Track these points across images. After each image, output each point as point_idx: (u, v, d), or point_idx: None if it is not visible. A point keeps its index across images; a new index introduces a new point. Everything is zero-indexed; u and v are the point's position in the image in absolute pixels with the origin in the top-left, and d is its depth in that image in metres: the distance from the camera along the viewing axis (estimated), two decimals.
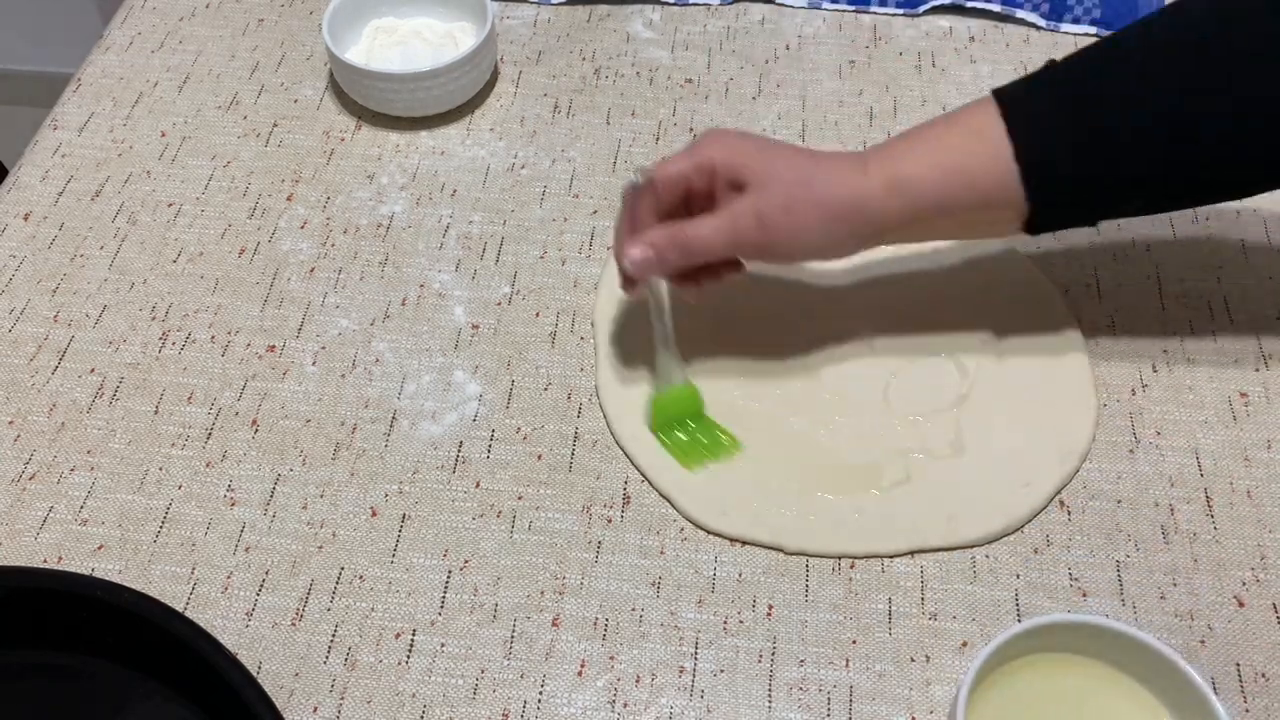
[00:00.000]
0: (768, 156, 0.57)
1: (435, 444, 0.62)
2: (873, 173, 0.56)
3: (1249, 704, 0.53)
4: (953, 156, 0.55)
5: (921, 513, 0.59)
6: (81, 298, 0.69)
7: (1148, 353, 0.65)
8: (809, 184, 0.56)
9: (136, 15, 0.87)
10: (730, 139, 0.58)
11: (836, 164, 0.57)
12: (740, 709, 0.53)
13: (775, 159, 0.57)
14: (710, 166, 0.57)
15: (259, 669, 0.54)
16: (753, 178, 0.56)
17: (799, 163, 0.57)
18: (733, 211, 0.56)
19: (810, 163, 0.57)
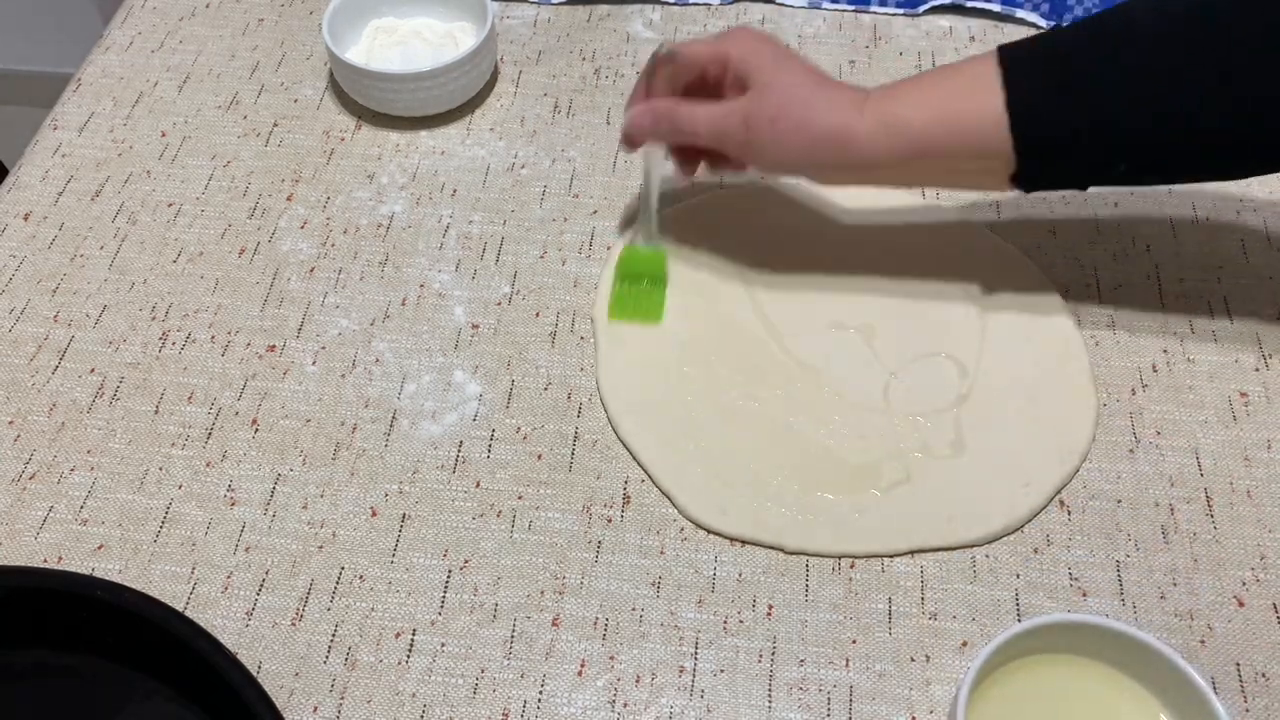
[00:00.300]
0: (778, 66, 0.59)
1: (435, 444, 0.62)
2: (868, 110, 0.57)
3: (1249, 704, 0.53)
4: (946, 101, 0.57)
5: (921, 513, 0.59)
6: (81, 298, 0.69)
7: (1148, 353, 0.65)
8: (802, 104, 0.58)
9: (136, 15, 0.87)
10: (752, 40, 0.60)
11: (837, 94, 0.58)
12: (740, 709, 0.53)
13: (783, 71, 0.59)
14: (724, 59, 0.60)
15: (259, 669, 0.54)
16: (756, 81, 0.58)
17: (803, 82, 0.58)
18: (728, 107, 0.59)
19: (813, 85, 0.58)
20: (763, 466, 0.60)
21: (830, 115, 0.57)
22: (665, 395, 0.63)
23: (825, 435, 0.62)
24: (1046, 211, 0.72)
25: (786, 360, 0.65)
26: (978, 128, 0.56)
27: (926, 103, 0.57)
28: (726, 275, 0.69)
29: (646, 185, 0.67)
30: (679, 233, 0.71)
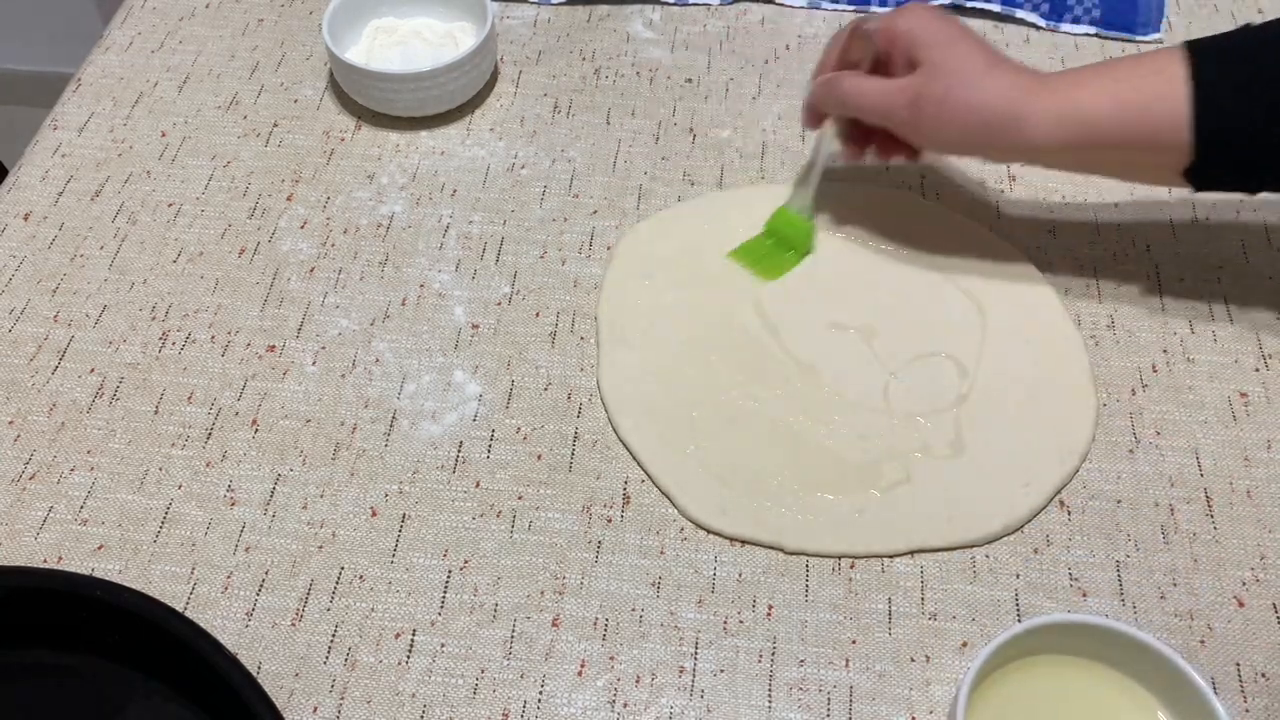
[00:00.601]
0: (949, 44, 0.59)
1: (435, 444, 0.62)
2: (1044, 94, 0.57)
3: (1249, 704, 0.53)
4: (1128, 90, 0.56)
5: (921, 513, 0.59)
6: (81, 298, 0.69)
7: (1148, 353, 0.65)
8: (973, 85, 0.57)
9: (136, 15, 0.87)
10: (924, 17, 0.60)
11: (1009, 75, 0.58)
12: (740, 709, 0.53)
13: (954, 50, 0.58)
14: (893, 35, 0.60)
15: (259, 669, 0.54)
16: (927, 58, 0.58)
17: (974, 61, 0.58)
18: (896, 84, 0.60)
19: (984, 65, 0.58)
20: (763, 466, 0.60)
21: (1001, 99, 0.57)
22: (665, 395, 0.63)
23: (825, 435, 0.62)
24: (1046, 211, 0.72)
25: (786, 360, 0.65)
26: (1159, 119, 0.55)
27: (1107, 91, 0.56)
28: (727, 275, 0.69)
29: (815, 155, 0.68)
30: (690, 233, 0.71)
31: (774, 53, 0.83)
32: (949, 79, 0.58)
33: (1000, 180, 0.74)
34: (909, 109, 0.59)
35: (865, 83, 0.61)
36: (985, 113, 0.57)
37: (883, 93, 0.60)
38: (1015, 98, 0.57)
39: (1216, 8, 0.85)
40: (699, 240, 0.71)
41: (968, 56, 0.58)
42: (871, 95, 0.61)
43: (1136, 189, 0.73)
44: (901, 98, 0.59)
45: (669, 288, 0.68)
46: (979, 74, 0.58)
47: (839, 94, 0.62)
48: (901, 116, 0.59)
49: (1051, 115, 0.57)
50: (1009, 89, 0.57)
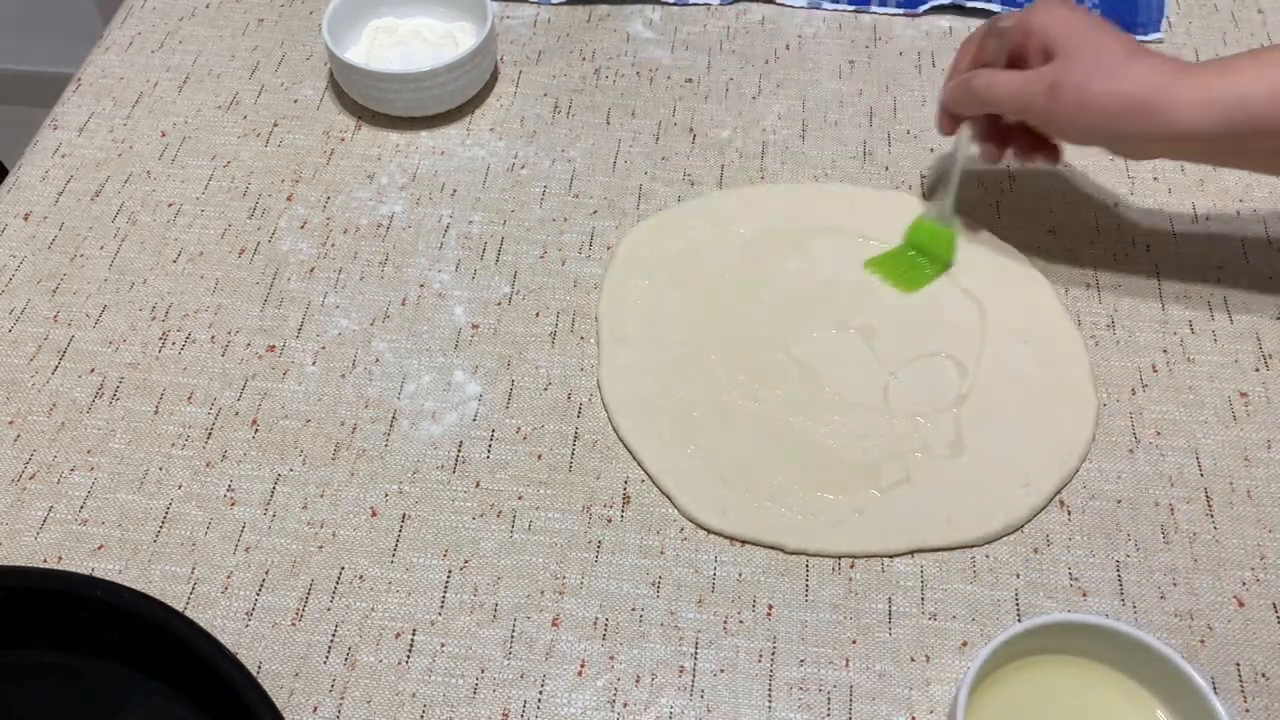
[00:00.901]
0: (1086, 33, 0.58)
1: (435, 444, 0.62)
2: (1191, 79, 0.55)
3: (1249, 704, 0.53)
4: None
5: (921, 513, 0.59)
6: (81, 298, 0.69)
7: (1148, 353, 0.65)
8: (1115, 72, 0.56)
9: (136, 15, 0.87)
10: (1059, 9, 0.59)
11: (1152, 61, 0.57)
12: (740, 709, 0.53)
13: (1092, 37, 0.57)
14: (1028, 29, 0.59)
15: (259, 669, 0.54)
16: (1064, 48, 0.57)
17: (1116, 49, 0.57)
18: (1032, 73, 0.59)
19: (1126, 52, 0.57)
20: (763, 466, 0.60)
21: (1145, 85, 0.56)
22: (665, 395, 0.63)
23: (825, 435, 0.62)
24: (1046, 211, 0.72)
25: (786, 360, 0.65)
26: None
27: (1262, 75, 0.55)
28: (727, 275, 0.69)
29: (952, 161, 0.67)
30: (690, 232, 0.71)
31: (774, 53, 0.83)
32: (1089, 65, 0.57)
33: (1000, 180, 0.74)
34: (1047, 96, 0.58)
35: (1000, 75, 0.60)
36: (1128, 98, 0.56)
37: (1019, 83, 0.59)
38: (1160, 83, 0.56)
39: (1216, 7, 0.85)
40: (699, 240, 0.71)
41: (1108, 43, 0.57)
42: (1007, 87, 0.60)
43: (1136, 189, 0.73)
44: (1038, 85, 0.58)
45: (669, 288, 0.68)
46: (1121, 60, 0.56)
47: (973, 90, 0.61)
48: (1039, 105, 0.58)
49: (1200, 99, 0.55)
50: (1154, 74, 0.56)
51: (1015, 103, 0.60)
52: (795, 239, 0.70)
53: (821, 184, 0.74)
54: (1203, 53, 0.82)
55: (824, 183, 0.74)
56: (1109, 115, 0.57)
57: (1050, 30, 0.59)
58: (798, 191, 0.74)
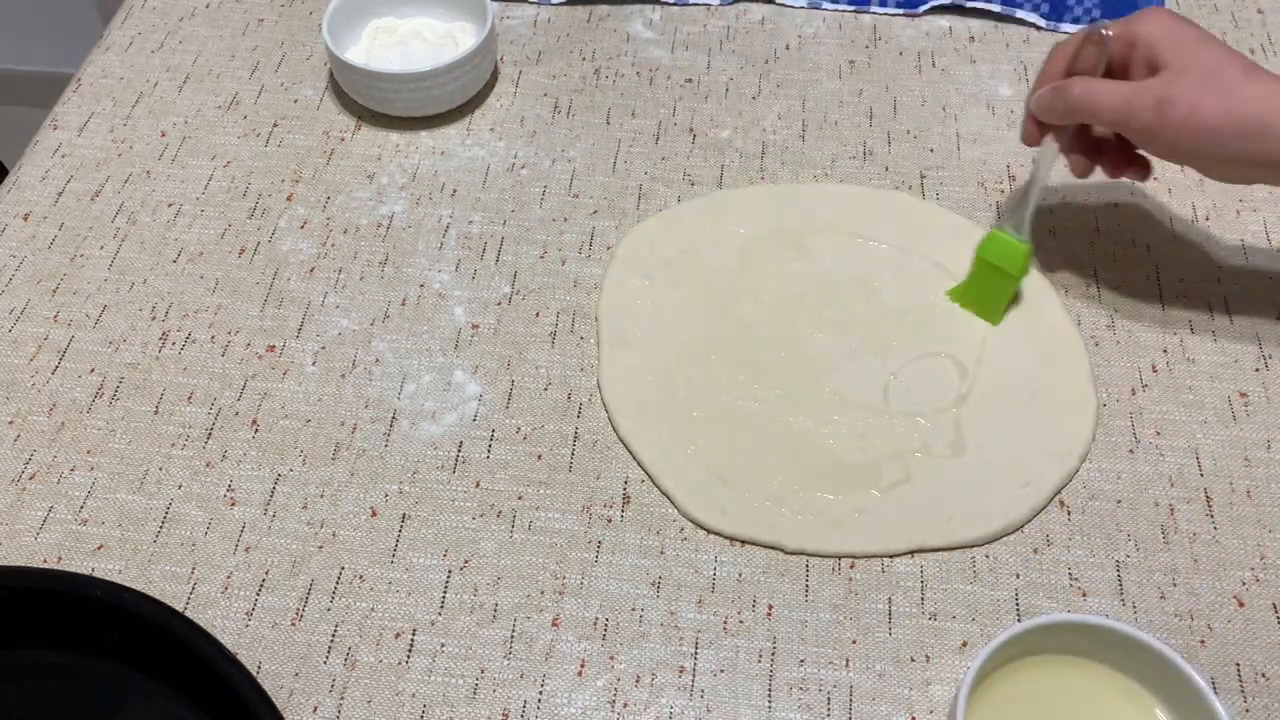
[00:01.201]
0: (1199, 47, 0.55)
1: (435, 444, 0.62)
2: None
3: (1249, 704, 0.53)
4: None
5: (921, 513, 0.59)
6: (81, 298, 0.69)
7: (1148, 353, 0.65)
8: (1228, 89, 0.53)
9: (136, 15, 0.87)
10: (1167, 19, 0.56)
11: (1269, 81, 0.54)
12: (740, 709, 0.53)
13: (1205, 52, 0.55)
14: (1133, 39, 0.56)
15: (259, 669, 0.54)
16: (1174, 61, 0.54)
17: (1228, 65, 0.54)
18: (1138, 85, 0.55)
19: (1241, 69, 0.54)
20: (763, 466, 0.60)
21: (1260, 104, 0.53)
22: (665, 395, 0.63)
23: (825, 435, 0.62)
24: (1046, 212, 0.72)
25: (786, 360, 0.65)
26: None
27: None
28: (727, 275, 0.69)
29: (1034, 174, 0.63)
30: (690, 233, 0.71)
31: (774, 53, 0.83)
32: (1201, 82, 0.53)
33: (1000, 180, 0.74)
34: (1154, 111, 0.54)
35: (1099, 85, 0.57)
36: (1243, 119, 0.53)
37: (1123, 94, 0.55)
38: (1276, 103, 0.53)
39: (1216, 7, 0.85)
40: (699, 240, 0.71)
41: (1222, 59, 0.54)
42: (1109, 97, 0.56)
43: (1136, 188, 0.73)
44: (1146, 99, 0.54)
45: (669, 288, 0.68)
46: (1236, 78, 0.53)
47: (1070, 99, 0.57)
48: (1144, 120, 0.55)
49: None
50: (1269, 95, 0.53)
51: (1117, 115, 0.56)
52: (795, 239, 0.70)
53: (821, 184, 0.74)
54: None
55: (824, 183, 0.74)
56: (1219, 136, 0.54)
57: (1159, 41, 0.55)
58: (798, 191, 0.74)
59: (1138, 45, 0.57)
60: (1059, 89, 0.59)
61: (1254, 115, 0.53)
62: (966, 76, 0.81)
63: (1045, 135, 0.62)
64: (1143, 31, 0.56)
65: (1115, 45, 0.58)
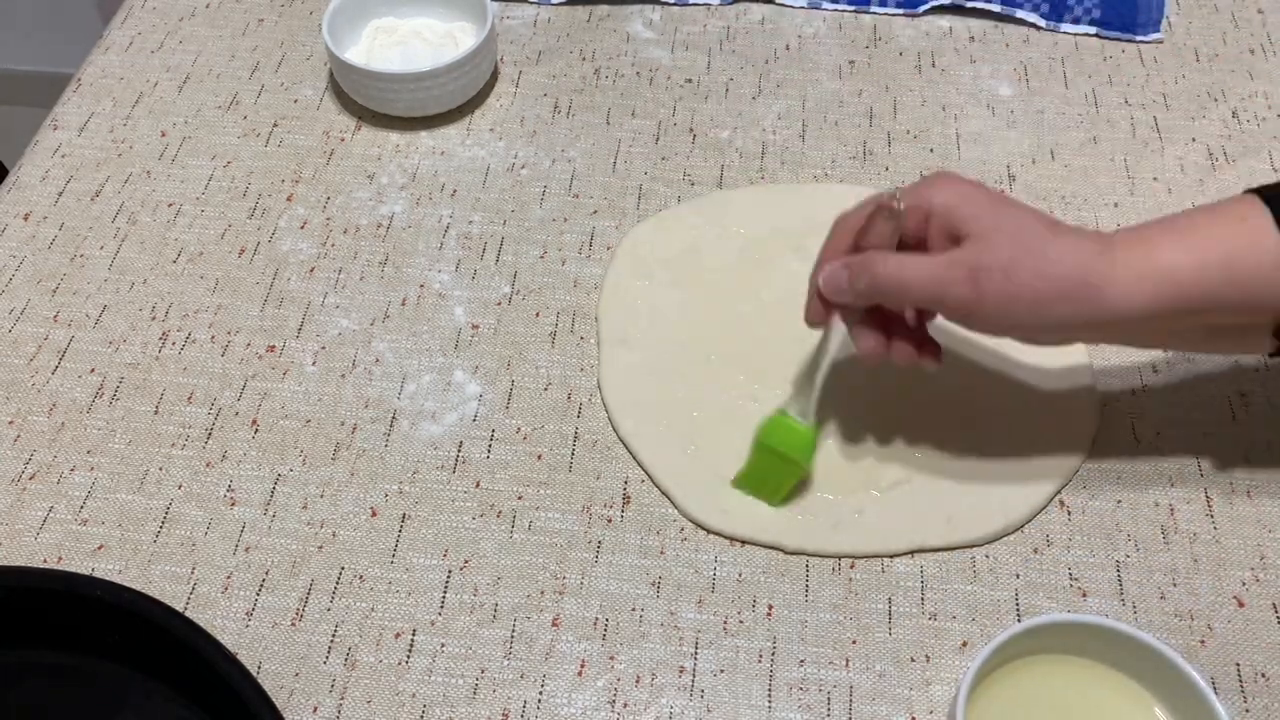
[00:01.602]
0: (999, 210, 0.51)
1: (435, 444, 0.62)
2: (1120, 256, 0.50)
3: (1249, 704, 0.53)
4: (1216, 245, 0.49)
5: (921, 513, 0.59)
6: (81, 298, 0.69)
7: (1148, 353, 0.65)
8: (1039, 253, 0.50)
9: (136, 15, 0.87)
10: (959, 185, 0.52)
11: (1077, 238, 0.51)
12: (740, 709, 0.53)
13: (1007, 216, 0.51)
14: (925, 209, 0.52)
15: (259, 669, 0.54)
16: (976, 230, 0.51)
17: (1033, 227, 0.51)
18: (948, 258, 0.51)
19: (1047, 230, 0.51)
20: None
21: (1073, 264, 0.50)
22: (665, 395, 0.63)
23: (825, 435, 0.62)
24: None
25: (786, 360, 0.65)
26: (1251, 275, 0.49)
27: (1192, 247, 0.50)
28: (727, 275, 0.69)
29: (817, 357, 0.57)
30: (690, 233, 0.71)
31: (774, 53, 0.83)
32: (1010, 246, 0.50)
33: (1000, 181, 0.74)
34: (968, 285, 0.50)
35: (907, 260, 0.52)
36: (1061, 281, 0.49)
37: (932, 268, 0.51)
38: (1088, 261, 0.50)
39: (1216, 7, 0.85)
40: (699, 240, 0.71)
41: (1023, 220, 0.51)
42: (917, 271, 0.51)
43: (1135, 188, 0.73)
44: (957, 273, 0.50)
45: (669, 288, 0.68)
46: (1043, 239, 0.50)
47: (874, 277, 0.52)
48: (959, 295, 0.50)
49: (1135, 279, 0.49)
50: (1079, 252, 0.50)
51: (929, 291, 0.51)
52: (795, 239, 0.70)
53: (821, 184, 0.74)
54: (1202, 53, 0.82)
55: (824, 183, 0.74)
56: (1040, 302, 0.50)
57: (956, 209, 0.51)
58: (798, 191, 0.74)
59: (933, 215, 0.52)
60: (859, 265, 0.53)
61: (1068, 272, 0.50)
62: (966, 76, 0.81)
63: (833, 315, 0.56)
64: (937, 201, 0.52)
65: (913, 217, 0.53)
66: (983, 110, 0.78)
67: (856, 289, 0.53)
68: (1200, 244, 0.50)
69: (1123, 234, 0.51)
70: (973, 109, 0.79)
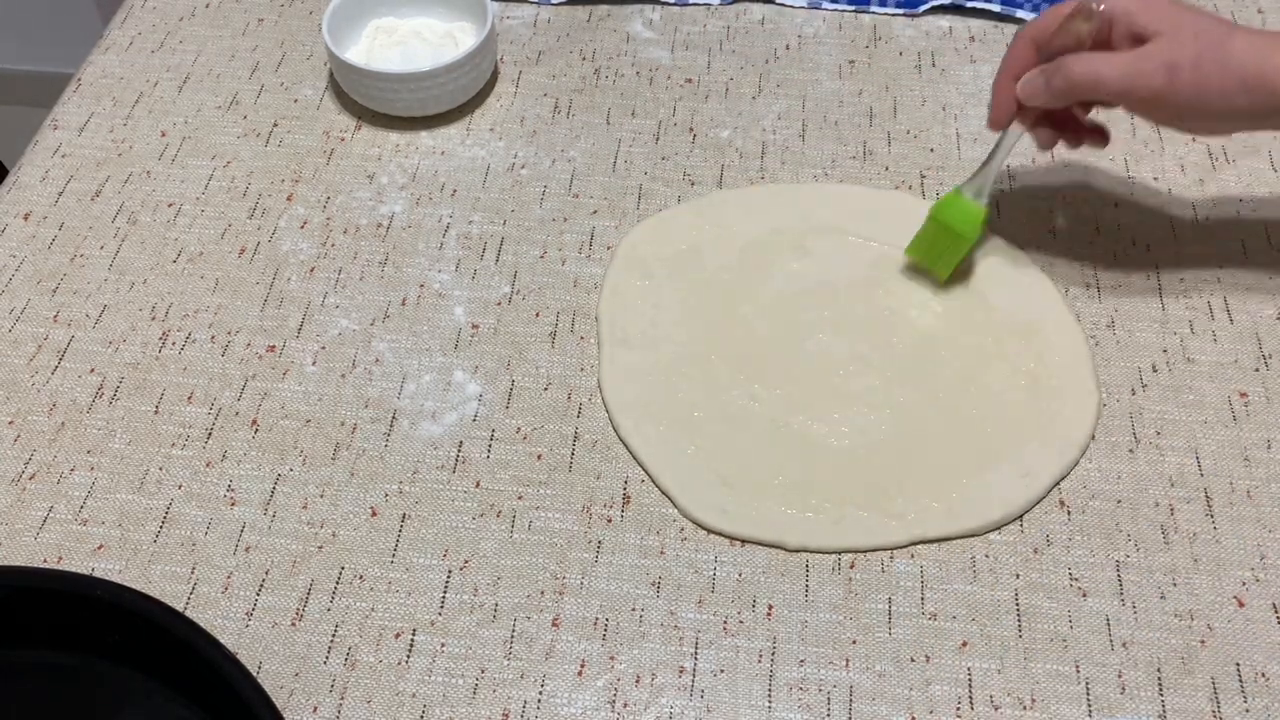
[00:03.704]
0: (1178, 12, 0.57)
1: (435, 444, 0.62)
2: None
3: (1249, 704, 0.53)
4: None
5: (921, 504, 0.59)
6: (81, 298, 0.69)
7: (1148, 353, 0.65)
8: (1223, 46, 0.55)
9: (136, 15, 0.87)
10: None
11: (1252, 34, 0.56)
12: (740, 709, 0.53)
13: (1185, 15, 0.57)
14: (1107, 15, 0.57)
15: (259, 669, 0.54)
16: (1161, 29, 0.56)
17: (1212, 24, 0.56)
18: (1141, 54, 0.56)
19: (1224, 26, 0.56)
20: (763, 466, 0.60)
21: (1254, 55, 0.55)
22: (665, 395, 0.63)
23: (825, 434, 0.62)
24: (1046, 211, 0.72)
25: (786, 360, 0.65)
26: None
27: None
28: (728, 275, 0.69)
29: (997, 152, 0.64)
30: (690, 233, 0.71)
31: (774, 53, 0.83)
32: (1197, 41, 0.56)
33: (1000, 180, 0.74)
34: (1164, 78, 0.56)
35: (1099, 59, 0.57)
36: (1243, 72, 0.55)
37: (1127, 65, 0.57)
38: (1267, 53, 0.55)
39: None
40: (699, 240, 0.71)
41: (1201, 21, 0.57)
42: (1111, 69, 0.57)
43: (1135, 188, 0.73)
44: (1149, 65, 0.56)
45: (669, 288, 0.68)
46: (1225, 34, 0.56)
47: (1071, 76, 0.58)
48: (1153, 87, 0.56)
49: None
50: (1259, 45, 0.55)
51: (1124, 85, 0.57)
52: (795, 239, 0.70)
53: (821, 184, 0.74)
54: None
55: (824, 183, 0.74)
56: (1224, 93, 0.56)
57: (1139, 13, 0.57)
58: (798, 191, 0.74)
59: (1115, 20, 0.58)
60: (1053, 68, 0.59)
61: (1251, 67, 0.55)
62: (966, 76, 0.81)
63: (1012, 119, 0.63)
64: (1119, 6, 0.58)
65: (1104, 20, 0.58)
66: (983, 110, 0.78)
67: (1054, 88, 0.59)
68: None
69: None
70: (973, 109, 0.78)
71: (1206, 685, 0.53)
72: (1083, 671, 0.54)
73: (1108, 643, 0.55)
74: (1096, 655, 0.54)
